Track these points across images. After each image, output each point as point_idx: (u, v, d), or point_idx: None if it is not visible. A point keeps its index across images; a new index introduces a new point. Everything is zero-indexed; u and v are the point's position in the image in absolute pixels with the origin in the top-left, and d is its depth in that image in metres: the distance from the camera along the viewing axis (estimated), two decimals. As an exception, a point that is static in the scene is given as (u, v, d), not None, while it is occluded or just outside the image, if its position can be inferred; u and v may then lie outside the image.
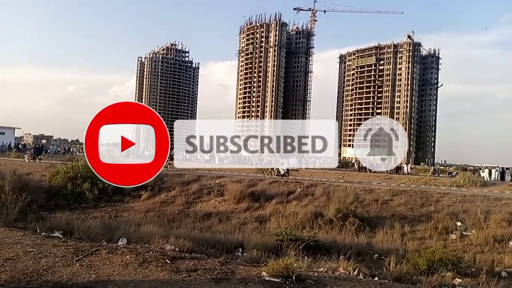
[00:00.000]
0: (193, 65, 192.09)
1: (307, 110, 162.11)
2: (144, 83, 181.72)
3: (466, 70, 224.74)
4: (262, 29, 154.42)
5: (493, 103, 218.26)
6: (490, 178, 40.40)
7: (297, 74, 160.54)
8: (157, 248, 7.44)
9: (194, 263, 5.83)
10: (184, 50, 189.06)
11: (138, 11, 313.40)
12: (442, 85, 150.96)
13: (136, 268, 5.35)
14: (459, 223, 20.78)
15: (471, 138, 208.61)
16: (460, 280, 11.52)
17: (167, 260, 5.88)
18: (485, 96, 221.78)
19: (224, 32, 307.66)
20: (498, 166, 45.92)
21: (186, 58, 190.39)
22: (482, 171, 44.68)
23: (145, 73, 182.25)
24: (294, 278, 5.40)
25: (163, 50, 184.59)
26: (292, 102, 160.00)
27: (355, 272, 9.01)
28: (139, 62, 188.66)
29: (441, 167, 73.27)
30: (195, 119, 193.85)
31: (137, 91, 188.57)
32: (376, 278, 8.24)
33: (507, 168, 44.94)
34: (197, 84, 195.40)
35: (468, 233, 19.84)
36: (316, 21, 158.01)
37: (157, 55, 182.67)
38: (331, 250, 14.27)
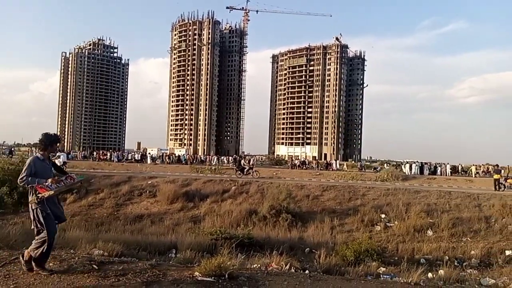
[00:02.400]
0: (123, 61, 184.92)
1: (241, 109, 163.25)
2: (69, 80, 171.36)
3: (390, 71, 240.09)
4: (195, 27, 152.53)
5: (414, 103, 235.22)
6: (411, 172, 43.53)
7: (231, 73, 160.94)
8: (83, 254, 7.05)
9: (123, 267, 5.60)
10: (112, 45, 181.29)
11: (62, 4, 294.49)
12: (367, 85, 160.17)
13: (61, 276, 5.03)
14: (383, 215, 22.13)
15: (394, 135, 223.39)
16: (384, 269, 12.23)
17: (94, 266, 5.59)
18: (407, 96, 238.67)
19: (155, 28, 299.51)
20: (418, 161, 49.65)
21: (115, 54, 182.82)
22: (404, 166, 47.98)
23: (69, 70, 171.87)
24: (227, 276, 5.40)
25: (90, 45, 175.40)
26: (226, 101, 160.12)
27: (287, 267, 9.25)
28: (63, 57, 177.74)
29: (367, 163, 77.61)
30: (125, 117, 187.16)
31: (61, 89, 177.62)
32: (307, 271, 8.51)
33: (425, 163, 48.79)
34: (127, 81, 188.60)
35: (391, 224, 21.21)
36: (249, 20, 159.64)
37: (83, 51, 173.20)
38: (265, 246, 14.46)
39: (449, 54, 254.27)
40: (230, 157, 66.52)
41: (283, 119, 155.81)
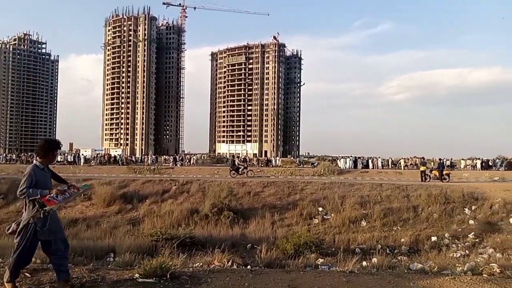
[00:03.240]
0: (52, 58, 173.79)
1: (180, 107, 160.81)
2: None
3: (325, 69, 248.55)
4: (130, 22, 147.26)
5: (348, 99, 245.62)
6: (345, 167, 45.53)
7: (169, 70, 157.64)
8: (13, 263, 6.62)
9: (58, 274, 5.36)
10: (40, 41, 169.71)
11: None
12: (304, 83, 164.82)
13: (-13, 287, 4.72)
14: (320, 209, 22.98)
15: (330, 131, 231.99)
16: (322, 259, 12.73)
17: (26, 274, 5.30)
18: (341, 93, 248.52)
19: (87, 23, 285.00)
20: (351, 156, 52.06)
21: (43, 50, 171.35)
22: (339, 161, 50.08)
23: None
24: (168, 276, 5.37)
25: (15, 40, 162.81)
26: (165, 98, 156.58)
27: (229, 263, 9.33)
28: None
29: (305, 159, 79.97)
30: (56, 117, 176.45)
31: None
32: (249, 267, 8.66)
33: (359, 157, 51.30)
34: (57, 79, 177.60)
35: (328, 217, 22.09)
36: (186, 17, 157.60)
37: (7, 46, 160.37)
38: (207, 244, 14.45)
39: (379, 53, 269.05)
40: (171, 157, 65.35)
41: (224, 117, 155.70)
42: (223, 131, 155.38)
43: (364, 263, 11.82)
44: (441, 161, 34.89)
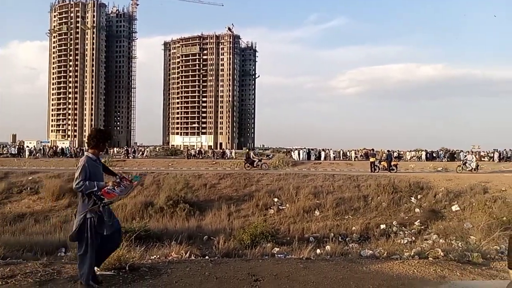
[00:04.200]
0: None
1: (132, 98, 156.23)
2: None
3: (279, 62, 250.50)
4: (77, 8, 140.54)
5: (302, 92, 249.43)
6: (299, 158, 46.43)
7: (120, 59, 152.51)
8: (-44, 260, 6.26)
9: (11, 269, 5.14)
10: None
11: None
12: (259, 76, 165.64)
13: None
14: (276, 199, 23.36)
15: (285, 124, 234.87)
16: (278, 248, 13.03)
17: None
18: (295, 86, 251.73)
19: (30, 8, 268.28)
20: (305, 148, 53.11)
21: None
22: (293, 153, 50.97)
23: None
24: (127, 268, 5.32)
25: None
26: (115, 88, 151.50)
27: (187, 255, 9.34)
28: None
29: (260, 151, 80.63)
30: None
31: None
32: (207, 257, 8.73)
33: (312, 149, 52.46)
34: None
35: (283, 207, 22.51)
36: (138, 5, 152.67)
37: None
38: (163, 237, 14.31)
39: (332, 47, 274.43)
40: (122, 149, 63.50)
41: (178, 108, 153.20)
42: (177, 123, 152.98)
43: (318, 250, 12.25)
44: (389, 152, 36.46)
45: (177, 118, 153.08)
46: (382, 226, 19.53)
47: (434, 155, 49.60)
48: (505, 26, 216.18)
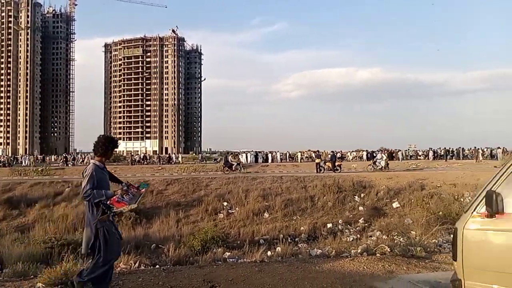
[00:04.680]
0: None
1: (70, 102, 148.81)
2: None
3: (225, 65, 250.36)
4: (9, 7, 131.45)
5: (247, 96, 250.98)
6: (247, 161, 46.65)
7: (57, 61, 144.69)
8: None
9: None
10: None
11: None
12: (205, 79, 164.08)
13: None
14: (225, 203, 23.30)
15: (231, 127, 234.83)
16: (229, 253, 12.94)
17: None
18: (241, 89, 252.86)
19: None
20: (252, 151, 53.54)
21: None
22: (241, 156, 51.14)
23: None
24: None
25: None
26: (52, 92, 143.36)
27: (136, 265, 9.02)
28: None
29: (207, 155, 79.99)
30: None
31: None
32: (157, 266, 8.48)
33: (259, 152, 52.99)
34: None
35: (233, 211, 22.49)
36: (76, 5, 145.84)
37: None
38: (109, 247, 13.73)
39: (276, 51, 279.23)
40: (61, 156, 60.28)
41: (120, 112, 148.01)
42: (120, 128, 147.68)
43: (269, 252, 12.33)
44: (333, 153, 37.68)
45: (120, 122, 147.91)
46: (329, 225, 20.11)
47: (374, 155, 51.90)
48: (436, 32, 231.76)
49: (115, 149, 4.87)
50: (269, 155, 50.37)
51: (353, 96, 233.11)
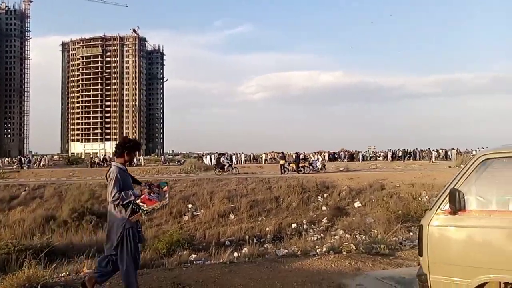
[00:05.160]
0: None
1: (25, 102, 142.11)
2: None
3: (188, 67, 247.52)
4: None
5: (210, 98, 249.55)
6: (211, 163, 46.34)
7: (11, 60, 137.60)
8: None
9: None
10: None
11: None
12: (167, 80, 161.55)
13: None
14: (190, 205, 23.09)
15: (194, 129, 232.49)
16: (195, 255, 12.84)
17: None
18: (204, 91, 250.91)
19: None
20: (216, 152, 53.27)
21: None
22: (205, 158, 50.80)
23: None
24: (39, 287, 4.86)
25: None
26: (5, 92, 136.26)
27: (101, 269, 8.79)
28: None
29: (169, 157, 78.89)
30: None
31: None
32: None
33: (223, 153, 52.85)
34: None
35: (198, 213, 22.34)
36: (31, 1, 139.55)
37: None
38: (70, 252, 13.29)
39: (239, 53, 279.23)
40: (15, 158, 57.47)
41: (78, 113, 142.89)
42: (78, 129, 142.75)
43: (236, 254, 12.33)
44: (297, 154, 38.18)
45: (78, 124, 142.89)
46: (294, 225, 20.38)
47: (336, 156, 53.08)
48: (394, 38, 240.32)
49: (137, 151, 4.84)
50: (234, 157, 50.32)
51: (316, 98, 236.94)
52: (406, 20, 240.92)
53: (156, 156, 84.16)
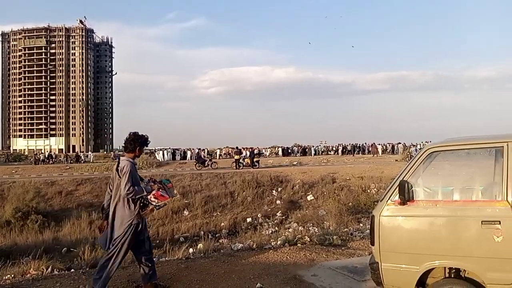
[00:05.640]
0: None
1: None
2: None
3: (138, 60, 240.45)
4: None
5: (162, 92, 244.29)
6: (164, 159, 45.58)
7: None
8: None
9: None
10: None
11: None
12: (116, 73, 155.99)
13: None
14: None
15: (145, 124, 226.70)
16: (150, 253, 12.64)
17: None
18: (155, 85, 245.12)
19: None
20: (170, 148, 52.40)
21: None
22: (157, 153, 49.76)
23: None
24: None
25: None
26: None
27: (49, 270, 8.40)
28: None
29: (120, 153, 76.43)
30: None
31: None
32: (72, 270, 7.99)
33: (177, 149, 52.08)
34: None
35: (151, 210, 21.88)
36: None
37: None
38: (14, 254, 12.60)
39: (193, 47, 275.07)
40: None
41: (20, 107, 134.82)
42: (20, 124, 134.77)
43: (191, 250, 12.24)
44: (252, 150, 38.41)
45: (20, 119, 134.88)
46: (249, 220, 20.56)
47: (289, 150, 53.96)
48: (343, 35, 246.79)
49: (145, 147, 4.94)
50: (188, 152, 49.74)
51: (270, 94, 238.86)
52: (357, 18, 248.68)
53: (105, 152, 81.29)
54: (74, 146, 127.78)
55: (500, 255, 3.50)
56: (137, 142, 4.69)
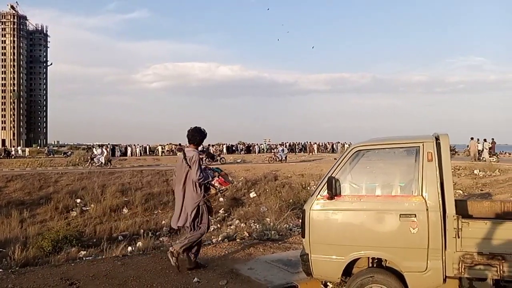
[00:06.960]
0: None
1: None
2: None
3: (75, 50, 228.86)
4: None
5: (101, 85, 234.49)
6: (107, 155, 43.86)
7: None
8: None
9: None
10: None
11: None
12: (51, 63, 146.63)
13: None
14: (78, 200, 21.71)
15: (82, 118, 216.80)
16: (85, 252, 12.23)
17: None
18: (93, 78, 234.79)
19: None
20: (109, 143, 50.61)
21: None
22: (95, 149, 47.82)
23: None
24: None
25: None
26: None
27: (-27, 272, 7.91)
28: None
29: (54, 148, 72.46)
30: None
31: None
32: (1, 270, 7.59)
33: (116, 145, 50.43)
34: None
35: (87, 208, 21.09)
36: None
37: None
38: None
39: (135, 40, 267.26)
40: None
41: None
42: None
43: (130, 248, 12.00)
44: (195, 147, 38.14)
45: None
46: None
47: (233, 148, 54.18)
48: (290, 38, 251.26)
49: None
50: (129, 148, 48.31)
51: (215, 91, 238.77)
52: (301, 22, 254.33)
53: (38, 147, 76.60)
54: (4, 140, 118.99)
55: (416, 245, 3.88)
56: (201, 136, 5.49)
